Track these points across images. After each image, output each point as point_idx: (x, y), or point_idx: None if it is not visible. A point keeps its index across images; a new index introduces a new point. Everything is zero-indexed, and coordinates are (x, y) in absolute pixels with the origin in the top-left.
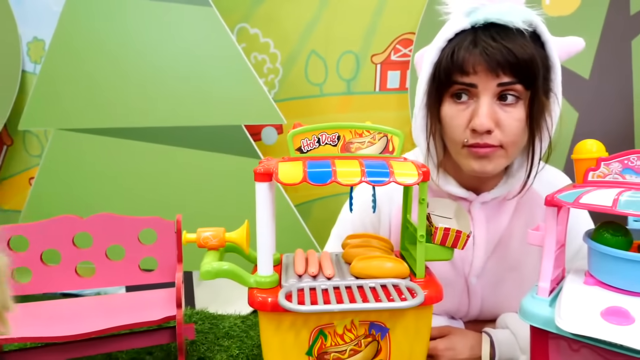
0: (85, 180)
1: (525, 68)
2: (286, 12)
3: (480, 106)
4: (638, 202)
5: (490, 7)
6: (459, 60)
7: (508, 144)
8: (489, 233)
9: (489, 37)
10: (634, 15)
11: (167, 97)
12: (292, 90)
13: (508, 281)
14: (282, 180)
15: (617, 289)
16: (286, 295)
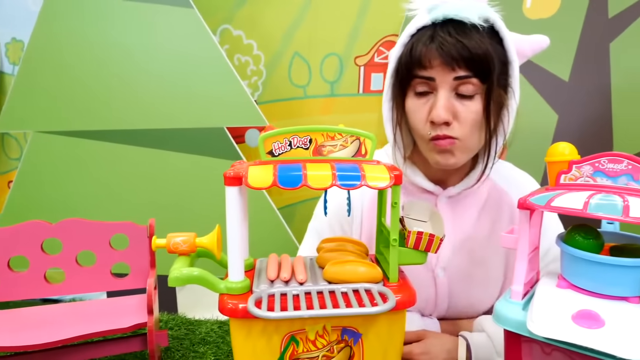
0: (65, 183)
1: (479, 62)
2: (269, 13)
3: (438, 99)
4: (608, 205)
5: (450, 4)
6: (417, 55)
7: (466, 136)
8: (456, 227)
9: (446, 33)
10: (612, 18)
11: (148, 99)
12: (276, 92)
13: (475, 276)
14: (252, 184)
15: (589, 291)
16: (256, 301)
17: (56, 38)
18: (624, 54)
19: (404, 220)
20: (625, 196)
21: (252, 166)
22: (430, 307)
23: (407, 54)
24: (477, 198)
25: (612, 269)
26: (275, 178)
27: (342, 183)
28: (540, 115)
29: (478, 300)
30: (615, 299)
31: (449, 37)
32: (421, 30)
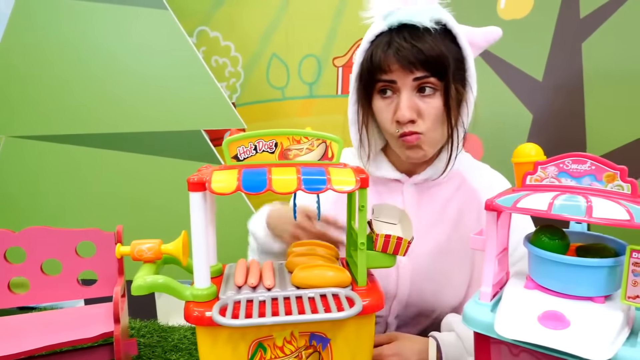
0: (39, 188)
1: (434, 63)
2: (246, 15)
3: (401, 100)
4: (571, 205)
5: (403, 10)
6: (377, 61)
7: (430, 130)
8: (420, 214)
9: (401, 39)
10: (584, 18)
11: (123, 103)
12: (254, 94)
13: (439, 266)
14: (215, 189)
15: (555, 292)
16: (221, 308)
17: (28, 41)
18: (596, 53)
19: (373, 223)
20: (589, 197)
21: (217, 171)
22: (391, 293)
23: (367, 60)
24: (445, 190)
25: (577, 269)
26: (239, 183)
27: (307, 187)
28: (515, 114)
29: (441, 291)
30: (581, 299)
31: (404, 42)
32: (379, 36)
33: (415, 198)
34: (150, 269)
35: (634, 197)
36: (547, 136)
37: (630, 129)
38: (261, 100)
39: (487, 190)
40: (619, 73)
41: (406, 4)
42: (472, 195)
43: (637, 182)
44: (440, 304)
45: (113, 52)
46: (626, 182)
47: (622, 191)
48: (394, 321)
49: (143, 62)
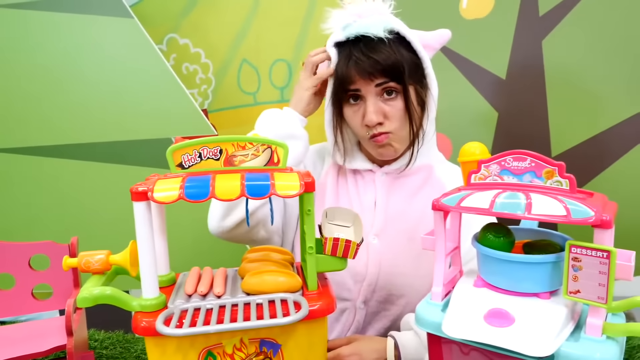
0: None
1: (390, 71)
2: (214, 21)
3: (367, 106)
4: (512, 203)
5: (359, 23)
6: (340, 75)
7: (398, 129)
8: (390, 200)
9: (359, 52)
10: (542, 16)
11: (90, 112)
12: (226, 100)
13: (407, 250)
14: (157, 199)
15: (503, 289)
16: (166, 318)
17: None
18: (556, 50)
19: (326, 226)
20: (530, 193)
21: (161, 180)
22: (361, 272)
23: (335, 75)
24: (415, 180)
25: (521, 266)
26: (181, 191)
27: (250, 193)
28: (482, 113)
29: (410, 276)
30: (527, 295)
31: (362, 55)
32: (340, 46)
33: (386, 186)
34: (99, 280)
35: (572, 192)
36: (513, 134)
37: (591, 124)
38: (233, 106)
39: (453, 183)
40: (578, 69)
41: (361, 17)
42: (439, 186)
43: (574, 177)
44: (409, 289)
45: (79, 62)
46: (564, 178)
47: (561, 187)
48: (362, 307)
49: (109, 71)
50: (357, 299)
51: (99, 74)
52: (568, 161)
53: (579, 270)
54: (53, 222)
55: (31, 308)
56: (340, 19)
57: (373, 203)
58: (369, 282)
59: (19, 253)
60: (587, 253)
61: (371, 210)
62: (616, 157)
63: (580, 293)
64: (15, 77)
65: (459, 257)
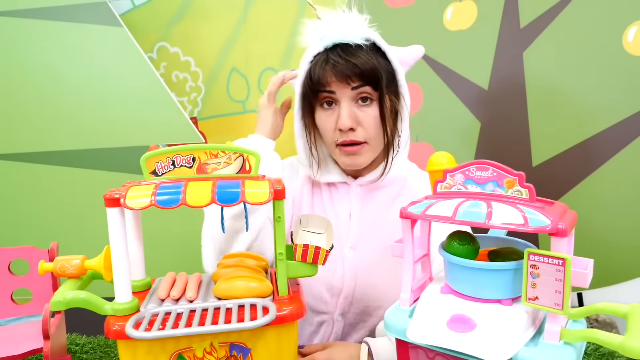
0: None
1: (368, 75)
2: (204, 30)
3: (341, 109)
4: (475, 212)
5: (336, 32)
6: (316, 77)
7: (370, 138)
8: (364, 211)
9: (337, 55)
10: (523, 28)
11: (79, 120)
12: (216, 108)
13: (382, 261)
14: (129, 205)
15: (466, 296)
16: (136, 322)
17: None
18: (536, 62)
19: (299, 233)
20: (491, 202)
21: (134, 187)
22: (338, 284)
23: (307, 78)
24: (389, 192)
25: (483, 273)
26: (153, 198)
27: (220, 200)
28: (464, 123)
29: (386, 287)
30: (490, 302)
31: (339, 58)
32: (316, 57)
33: (361, 197)
34: (74, 284)
35: (531, 201)
36: (495, 144)
37: (571, 133)
38: (222, 114)
39: (425, 192)
40: (558, 80)
41: (337, 27)
42: (413, 196)
43: (533, 186)
44: (386, 300)
45: (67, 70)
46: (524, 187)
47: (521, 196)
48: (340, 319)
49: (98, 79)
50: (335, 311)
51: (88, 82)
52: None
53: (537, 278)
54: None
55: (10, 312)
56: (316, 31)
57: (348, 215)
58: (345, 295)
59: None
60: (544, 260)
61: (346, 222)
62: (597, 166)
63: (538, 300)
64: (1, 84)
65: (428, 263)
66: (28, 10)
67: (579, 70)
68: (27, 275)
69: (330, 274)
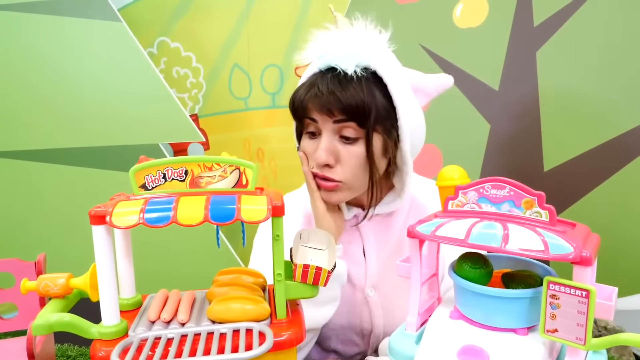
0: None
1: (352, 112)
2: (206, 25)
3: (321, 141)
4: (489, 235)
5: (332, 54)
6: (298, 102)
7: (347, 179)
8: (379, 245)
9: (324, 84)
10: (537, 26)
11: (76, 117)
12: (217, 104)
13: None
14: (116, 223)
15: (478, 323)
16: (124, 349)
17: None
18: (550, 62)
19: (298, 249)
20: (507, 224)
21: (122, 202)
22: (367, 330)
23: (294, 100)
24: (399, 216)
25: (498, 300)
26: (141, 216)
27: (214, 219)
28: (473, 125)
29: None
30: (503, 330)
31: (325, 88)
32: (310, 77)
33: (372, 231)
34: (58, 305)
35: (552, 224)
36: (505, 147)
37: (586, 138)
38: (224, 111)
39: (433, 203)
40: (572, 81)
41: (335, 48)
42: (423, 211)
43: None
44: None
45: (64, 65)
46: (544, 209)
47: (541, 218)
48: (373, 355)
49: (95, 75)
50: (368, 350)
51: (85, 79)
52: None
53: (556, 309)
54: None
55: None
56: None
57: (362, 254)
58: (376, 334)
59: None
60: (566, 291)
61: (361, 262)
62: (611, 173)
63: (558, 332)
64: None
65: (436, 284)
66: (23, 4)
67: (596, 71)
68: (13, 289)
69: (357, 318)
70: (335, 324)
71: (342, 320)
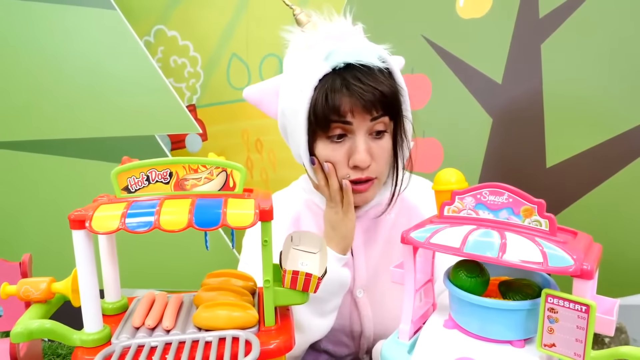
0: None
1: (391, 103)
2: (204, 13)
3: (358, 144)
4: (486, 243)
5: (345, 49)
6: (335, 104)
7: (381, 173)
8: (367, 245)
9: (356, 80)
10: (543, 17)
11: (69, 107)
12: (215, 95)
13: (396, 295)
14: (96, 229)
15: (473, 334)
16: (106, 357)
17: None
18: (555, 55)
19: (288, 253)
20: (505, 233)
21: (104, 205)
22: (357, 332)
23: (322, 104)
24: (388, 218)
25: (494, 311)
26: (123, 220)
27: (199, 224)
28: (475, 119)
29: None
30: (499, 342)
31: (362, 84)
32: (324, 78)
33: (361, 233)
34: (39, 310)
35: (552, 234)
36: (507, 141)
37: (590, 134)
38: (222, 102)
39: (425, 203)
40: (578, 76)
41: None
42: (413, 212)
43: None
44: None
45: (56, 54)
46: (544, 218)
47: (540, 227)
48: (365, 357)
49: (89, 64)
50: (359, 351)
51: (78, 68)
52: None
53: (555, 323)
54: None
55: None
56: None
57: (350, 255)
58: (366, 336)
59: None
60: (565, 305)
61: (350, 263)
62: (615, 170)
63: (555, 347)
64: None
65: (431, 289)
66: None
67: (603, 66)
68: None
69: (346, 320)
70: None
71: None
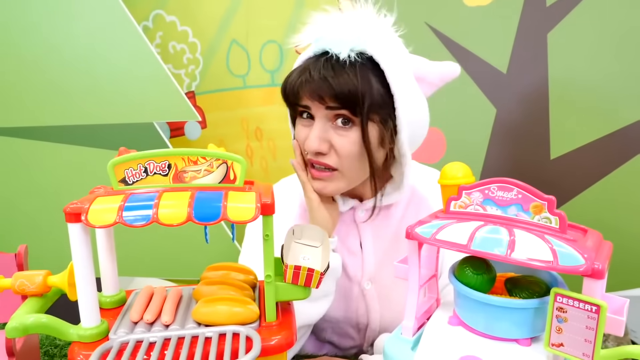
0: None
1: (344, 99)
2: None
3: (312, 129)
4: (494, 240)
5: (327, 38)
6: (289, 87)
7: (344, 166)
8: (376, 237)
9: (316, 69)
10: (550, 6)
11: (65, 93)
12: (214, 82)
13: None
14: (92, 222)
15: (478, 332)
16: (103, 352)
17: None
18: (561, 44)
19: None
20: (514, 230)
21: (101, 197)
22: (362, 319)
23: (286, 83)
24: (397, 209)
25: (500, 309)
26: (120, 214)
27: (199, 218)
28: (479, 109)
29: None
30: (505, 340)
31: (317, 74)
32: (305, 61)
33: (369, 225)
34: (35, 304)
35: (562, 232)
36: (511, 132)
37: (596, 126)
38: (221, 89)
39: (435, 195)
40: (584, 66)
41: (331, 31)
42: (423, 204)
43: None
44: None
45: (53, 40)
46: (554, 215)
47: (550, 224)
48: (369, 350)
49: (86, 50)
50: (364, 343)
51: (73, 53)
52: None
53: (563, 322)
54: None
55: None
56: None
57: (359, 247)
58: (372, 328)
59: None
60: (574, 304)
61: (358, 255)
62: (620, 163)
63: (563, 347)
64: None
65: (435, 285)
66: None
67: (611, 56)
68: None
69: (353, 312)
70: (331, 317)
71: (338, 313)
